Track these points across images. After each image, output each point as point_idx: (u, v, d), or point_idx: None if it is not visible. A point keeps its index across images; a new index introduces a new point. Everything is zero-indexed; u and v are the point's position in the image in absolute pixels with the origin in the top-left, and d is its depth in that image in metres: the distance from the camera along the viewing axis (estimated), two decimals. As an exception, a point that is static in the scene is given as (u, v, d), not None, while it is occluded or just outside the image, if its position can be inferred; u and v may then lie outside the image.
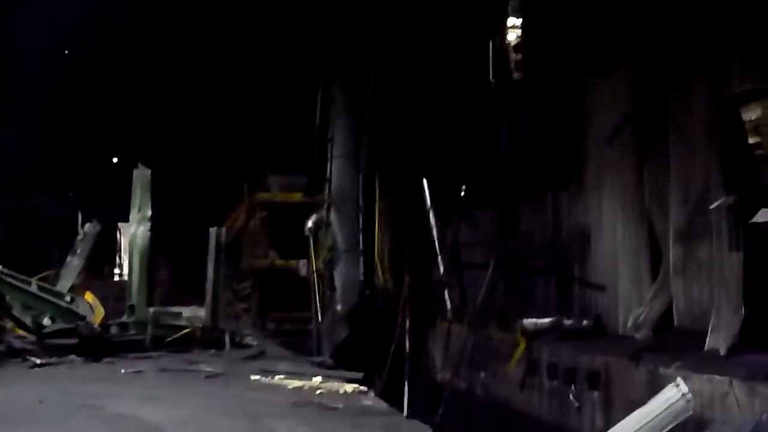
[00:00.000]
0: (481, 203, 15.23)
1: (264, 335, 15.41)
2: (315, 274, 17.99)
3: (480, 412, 13.28)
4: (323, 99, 18.47)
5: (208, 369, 9.94)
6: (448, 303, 15.54)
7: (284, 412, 7.24)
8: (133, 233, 12.01)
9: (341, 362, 12.25)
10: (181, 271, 22.23)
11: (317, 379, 8.87)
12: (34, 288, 11.56)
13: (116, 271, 28.07)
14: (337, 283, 17.62)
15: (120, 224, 25.29)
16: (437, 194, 16.15)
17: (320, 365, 11.11)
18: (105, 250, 20.17)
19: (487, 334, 13.80)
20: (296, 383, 8.73)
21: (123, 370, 9.99)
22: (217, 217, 18.51)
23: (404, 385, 15.33)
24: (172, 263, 22.41)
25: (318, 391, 8.31)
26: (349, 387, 8.37)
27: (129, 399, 7.95)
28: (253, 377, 9.34)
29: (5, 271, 11.27)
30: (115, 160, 25.04)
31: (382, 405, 7.97)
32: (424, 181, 16.16)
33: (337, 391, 8.31)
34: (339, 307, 17.41)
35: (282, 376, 9.19)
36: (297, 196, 21.41)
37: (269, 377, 9.23)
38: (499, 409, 12.67)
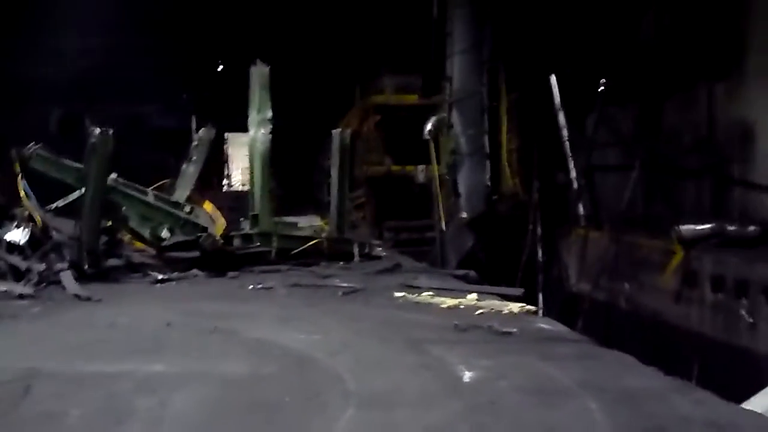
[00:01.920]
0: (617, 100, 13.84)
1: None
2: (436, 180, 16.77)
3: (624, 326, 12.17)
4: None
5: (344, 284, 8.86)
6: (582, 209, 14.33)
7: (449, 338, 6.04)
8: (253, 137, 10.86)
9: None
10: (290, 182, 21.44)
11: (472, 297, 7.65)
12: (151, 198, 10.68)
13: (224, 182, 27.66)
14: (461, 189, 16.47)
15: (227, 134, 24.79)
16: (567, 91, 14.75)
17: (465, 279, 9.92)
18: (213, 161, 19.40)
19: (632, 242, 12.50)
20: (449, 302, 7.53)
21: (251, 286, 9.00)
22: (327, 124, 17.28)
23: (538, 297, 14.30)
24: (280, 173, 21.73)
25: (478, 311, 7.09)
26: (515, 306, 7.10)
27: (264, 321, 6.94)
28: (396, 294, 8.20)
29: (121, 180, 10.39)
30: (220, 68, 24.18)
31: (562, 328, 6.68)
32: (553, 76, 14.60)
33: (500, 312, 7.07)
34: (464, 215, 16.33)
35: (430, 293, 8.01)
36: (413, 98, 20.09)
37: (415, 294, 8.07)
38: (648, 323, 11.59)
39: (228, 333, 6.42)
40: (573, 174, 14.44)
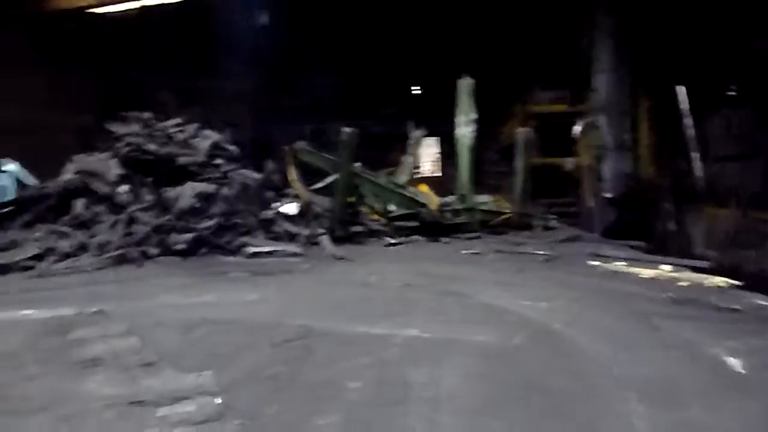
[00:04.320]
0: (732, 103, 11.66)
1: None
2: (585, 169, 14.93)
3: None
4: (588, 23, 15.25)
5: (540, 252, 7.26)
6: (705, 189, 12.02)
7: (673, 313, 4.33)
8: (461, 134, 9.46)
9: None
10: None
11: (666, 268, 5.83)
12: (383, 181, 9.51)
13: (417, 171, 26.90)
14: (606, 174, 14.50)
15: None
16: (691, 97, 12.62)
17: (638, 249, 8.03)
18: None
19: (757, 217, 10.15)
20: (645, 272, 5.77)
21: (463, 251, 7.60)
22: (488, 129, 16.01)
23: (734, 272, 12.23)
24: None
25: (680, 284, 5.28)
26: (718, 280, 5.23)
27: (485, 284, 5.47)
28: (591, 263, 6.50)
29: (361, 168, 9.27)
30: (416, 90, 23.11)
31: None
32: (681, 87, 12.37)
33: (701, 284, 5.24)
34: (608, 195, 14.40)
35: (623, 263, 6.26)
36: (562, 107, 18.09)
37: (609, 263, 6.34)
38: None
39: (459, 296, 5.03)
40: (698, 163, 12.31)
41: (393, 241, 8.28)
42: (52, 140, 12.38)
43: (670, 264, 6.04)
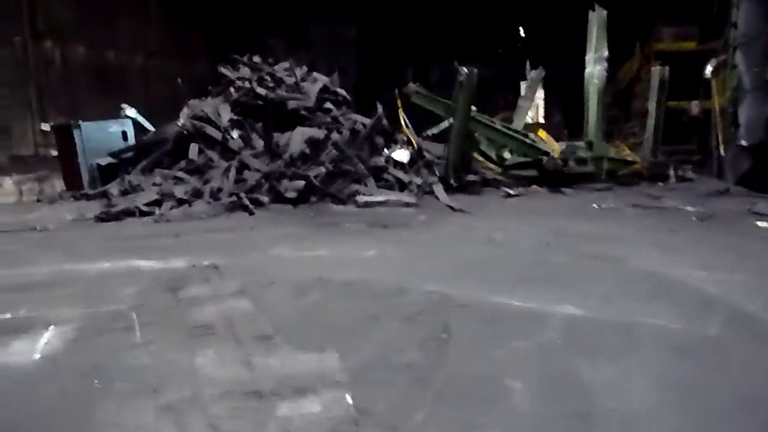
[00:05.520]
0: None
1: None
2: (716, 113, 12.90)
3: None
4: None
5: (690, 208, 6.10)
6: None
7: None
8: (590, 72, 8.22)
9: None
10: (572, 116, 18.58)
11: None
12: (499, 126, 8.51)
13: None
14: (741, 120, 12.39)
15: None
16: None
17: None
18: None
19: None
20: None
21: (594, 205, 6.57)
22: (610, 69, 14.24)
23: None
24: (564, 110, 19.09)
25: None
26: None
27: (637, 248, 4.47)
28: (760, 224, 5.31)
29: (475, 111, 8.31)
30: (521, 32, 21.23)
31: None
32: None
33: None
34: (743, 142, 12.37)
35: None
36: (691, 45, 15.73)
37: (779, 224, 5.14)
38: None
39: (610, 261, 4.11)
40: None
41: (511, 192, 7.37)
42: (169, 86, 12.27)
43: None
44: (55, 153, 9.74)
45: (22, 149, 11.08)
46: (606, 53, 8.01)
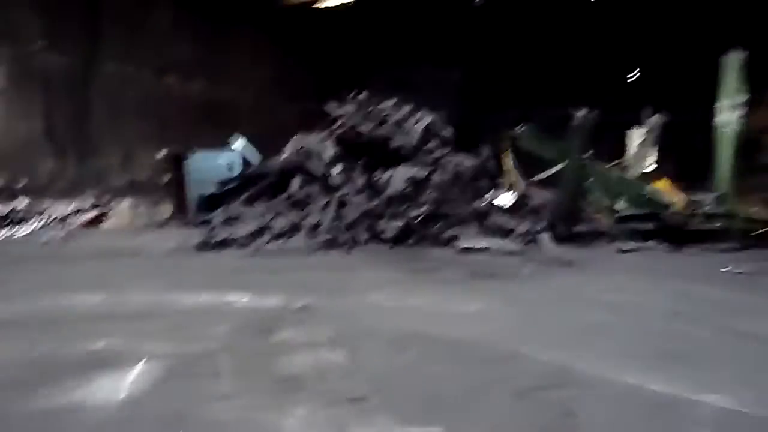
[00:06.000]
0: None
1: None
2: None
3: None
4: None
5: None
6: None
7: None
8: (724, 120, 7.41)
9: None
10: (687, 166, 17.09)
11: None
12: (616, 174, 7.90)
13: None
14: None
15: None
16: None
17: None
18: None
19: None
20: None
21: (722, 269, 5.77)
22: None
23: None
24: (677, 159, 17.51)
25: None
26: None
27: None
28: None
29: (590, 156, 7.76)
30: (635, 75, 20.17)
31: None
32: None
33: None
34: None
35: None
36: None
37: None
38: None
39: (759, 340, 3.45)
40: None
41: (626, 247, 6.71)
42: (277, 122, 12.67)
43: None
44: (167, 180, 10.21)
45: (140, 175, 11.75)
46: (742, 98, 7.24)
